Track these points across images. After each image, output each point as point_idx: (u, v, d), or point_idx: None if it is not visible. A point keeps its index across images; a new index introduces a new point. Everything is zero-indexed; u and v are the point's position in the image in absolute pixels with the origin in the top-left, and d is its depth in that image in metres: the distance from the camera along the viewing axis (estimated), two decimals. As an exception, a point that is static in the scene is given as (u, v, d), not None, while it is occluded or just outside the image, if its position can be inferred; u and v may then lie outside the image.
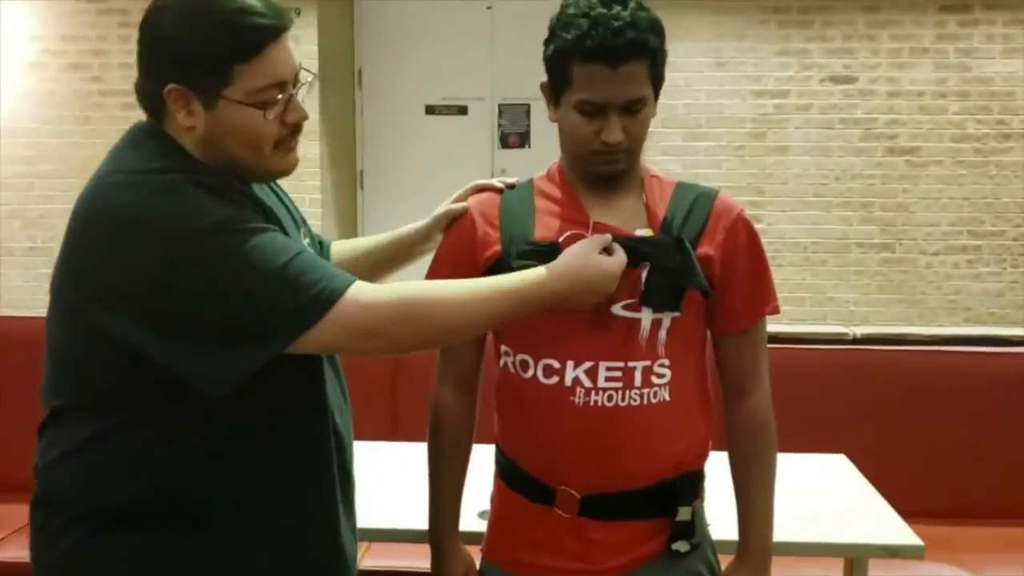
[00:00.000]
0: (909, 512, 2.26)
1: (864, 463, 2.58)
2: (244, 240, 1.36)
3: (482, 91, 6.64)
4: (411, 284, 1.46)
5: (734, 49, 5.87)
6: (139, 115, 1.51)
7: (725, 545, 1.75)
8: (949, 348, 3.16)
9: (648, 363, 1.56)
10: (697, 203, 1.62)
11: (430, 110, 6.70)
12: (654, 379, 1.57)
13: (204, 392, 1.37)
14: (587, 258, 1.49)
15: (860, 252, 5.92)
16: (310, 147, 5.96)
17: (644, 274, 1.54)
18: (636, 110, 1.54)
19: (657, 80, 1.56)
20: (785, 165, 5.91)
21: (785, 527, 1.76)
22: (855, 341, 3.29)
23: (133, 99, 1.50)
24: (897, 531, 2.14)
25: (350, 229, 6.70)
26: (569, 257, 1.49)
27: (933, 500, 2.82)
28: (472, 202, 1.70)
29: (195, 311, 1.34)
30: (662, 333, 1.56)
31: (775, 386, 1.70)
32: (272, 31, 1.42)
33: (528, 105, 6.54)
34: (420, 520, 1.80)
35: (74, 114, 6.09)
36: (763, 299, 1.64)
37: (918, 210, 5.88)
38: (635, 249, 1.54)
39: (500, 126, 6.66)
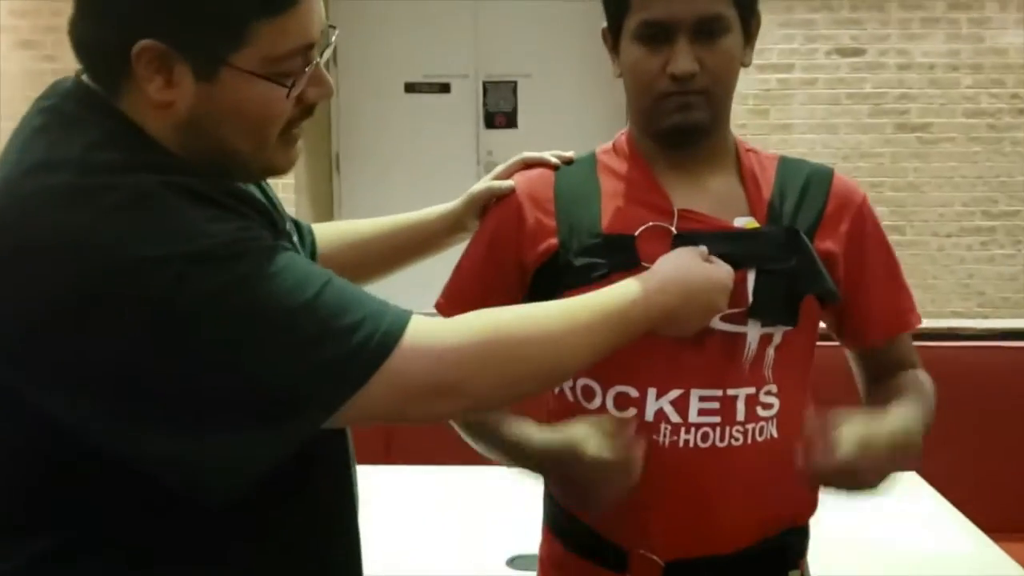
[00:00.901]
0: (989, 528, 2.02)
1: (933, 476, 2.28)
2: (254, 268, 0.94)
3: (465, 68, 6.33)
4: (485, 315, 1.07)
5: (735, 20, 5.56)
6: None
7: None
8: (1010, 343, 2.84)
9: (753, 391, 1.21)
10: (811, 183, 1.27)
11: (410, 88, 6.39)
12: (760, 411, 1.22)
13: (199, 498, 0.96)
14: (691, 267, 1.13)
15: (868, 235, 5.63)
16: (282, 128, 5.60)
17: (751, 277, 1.19)
18: (713, 33, 1.18)
19: (744, 5, 1.21)
20: (790, 143, 5.62)
21: (867, 567, 1.44)
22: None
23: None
24: (1000, 566, 1.85)
25: (326, 216, 6.36)
26: (667, 266, 1.14)
27: (1017, 513, 2.52)
28: (519, 181, 1.33)
29: (190, 383, 0.92)
30: (770, 351, 1.22)
31: (814, 389, 1.34)
32: None
33: (515, 82, 6.26)
34: (427, 564, 1.44)
35: (26, 95, 5.66)
36: (903, 307, 1.31)
37: (930, 190, 5.63)
38: (738, 245, 1.19)
39: (485, 105, 6.38)
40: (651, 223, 1.22)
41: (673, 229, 1.21)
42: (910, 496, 2.22)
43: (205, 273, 0.92)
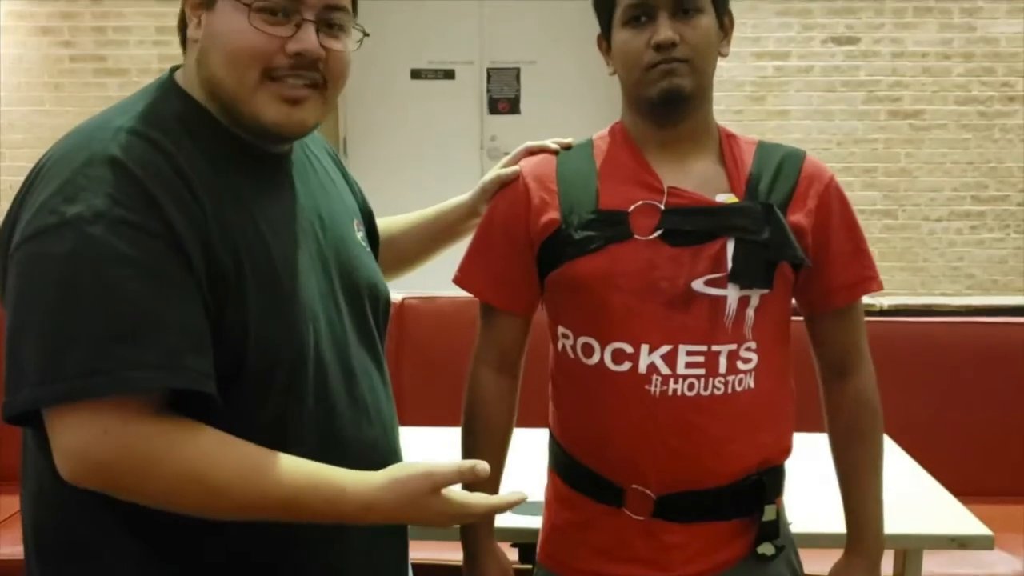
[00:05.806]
0: (958, 492, 2.12)
1: (905, 442, 2.44)
2: (102, 251, 1.05)
3: (470, 54, 6.40)
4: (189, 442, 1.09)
5: (733, 9, 5.62)
6: (111, 83, 1.26)
7: (802, 539, 1.61)
8: (984, 319, 3.02)
9: (734, 347, 1.38)
10: (784, 164, 1.44)
11: (416, 74, 6.46)
12: (740, 365, 1.39)
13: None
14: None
15: (862, 219, 5.48)
16: (293, 114, 5.72)
17: (730, 246, 1.36)
18: (689, 12, 1.37)
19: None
20: (786, 129, 5.73)
21: (834, 516, 1.59)
22: (883, 312, 3.14)
23: (105, 65, 1.27)
24: (961, 519, 1.98)
25: (334, 199, 6.48)
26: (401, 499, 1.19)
27: (981, 479, 2.68)
28: (524, 165, 1.50)
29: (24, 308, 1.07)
30: (750, 312, 1.38)
31: (800, 361, 1.54)
32: None
33: (518, 69, 6.31)
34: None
35: (44, 80, 5.78)
36: (865, 275, 1.48)
37: (921, 175, 5.74)
38: (719, 218, 1.36)
39: (489, 91, 6.44)
40: (642, 201, 1.39)
41: (661, 206, 1.38)
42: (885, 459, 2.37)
43: (69, 234, 1.05)
